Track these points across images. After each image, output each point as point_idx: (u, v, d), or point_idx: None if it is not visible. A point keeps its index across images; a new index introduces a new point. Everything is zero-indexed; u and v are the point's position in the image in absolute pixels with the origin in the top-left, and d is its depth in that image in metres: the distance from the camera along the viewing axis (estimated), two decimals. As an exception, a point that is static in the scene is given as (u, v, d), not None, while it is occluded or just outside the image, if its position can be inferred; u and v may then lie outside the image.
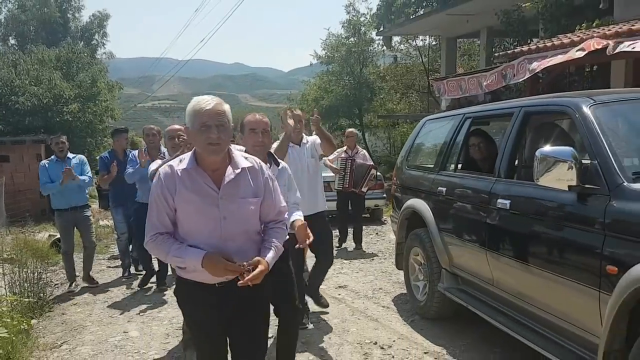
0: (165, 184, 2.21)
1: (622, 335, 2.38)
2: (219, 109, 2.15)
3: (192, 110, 2.17)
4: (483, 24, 15.42)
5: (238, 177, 2.24)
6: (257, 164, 2.33)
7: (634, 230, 2.33)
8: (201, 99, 2.19)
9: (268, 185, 2.34)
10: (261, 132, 3.03)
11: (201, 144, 2.15)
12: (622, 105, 2.97)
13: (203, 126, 2.11)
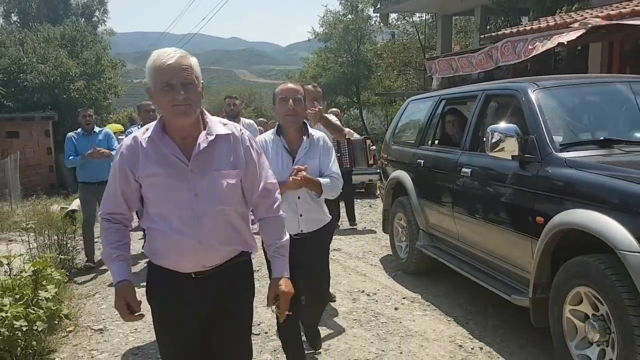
0: (127, 156, 1.91)
1: (547, 270, 3.08)
2: (183, 63, 1.80)
3: (152, 66, 1.81)
4: (477, 3, 15.85)
5: (212, 145, 1.90)
6: (237, 131, 1.98)
7: (555, 188, 3.01)
8: (162, 52, 1.83)
9: (250, 156, 1.99)
10: (292, 100, 2.84)
11: (166, 107, 1.82)
12: (560, 90, 3.63)
13: (166, 85, 1.79)
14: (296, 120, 2.89)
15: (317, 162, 2.94)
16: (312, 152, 2.95)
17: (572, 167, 2.96)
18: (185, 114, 1.83)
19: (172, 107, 1.81)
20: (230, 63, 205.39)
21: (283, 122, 2.91)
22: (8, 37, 17.00)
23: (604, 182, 2.72)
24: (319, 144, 2.98)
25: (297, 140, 2.96)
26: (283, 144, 2.95)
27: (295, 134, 2.96)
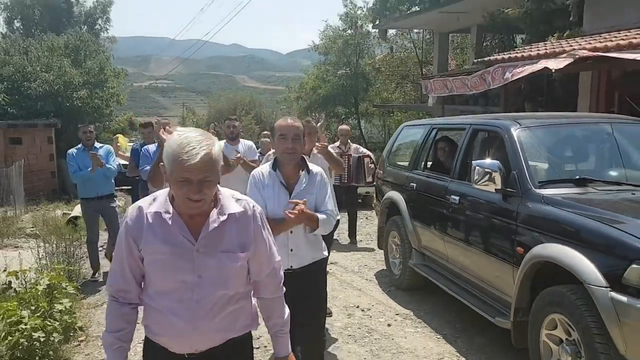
0: (131, 227, 1.82)
1: (527, 296, 3.37)
2: (205, 160, 1.68)
3: (173, 158, 1.69)
4: (473, 22, 16.22)
5: (223, 225, 1.81)
6: (249, 208, 1.89)
7: (534, 222, 3.31)
8: (185, 145, 1.68)
9: (261, 236, 1.91)
10: (292, 138, 2.80)
11: (179, 198, 1.74)
12: (541, 129, 3.94)
13: (183, 180, 1.69)
14: (294, 158, 2.85)
15: (314, 197, 2.87)
16: (310, 188, 2.89)
17: (549, 204, 3.26)
18: (198, 208, 1.75)
19: (186, 200, 1.72)
20: (231, 69, 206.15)
21: (281, 158, 2.87)
22: (12, 45, 17.28)
23: (576, 220, 3.01)
24: (316, 179, 2.91)
25: (294, 175, 2.90)
26: (280, 180, 2.88)
27: (293, 169, 2.90)
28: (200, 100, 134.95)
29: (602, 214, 2.95)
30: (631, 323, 2.54)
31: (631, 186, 3.39)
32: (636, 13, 8.26)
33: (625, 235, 2.69)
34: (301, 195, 2.82)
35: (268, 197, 2.84)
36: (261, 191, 2.86)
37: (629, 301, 2.55)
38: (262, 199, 2.81)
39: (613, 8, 8.82)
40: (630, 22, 8.28)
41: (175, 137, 1.72)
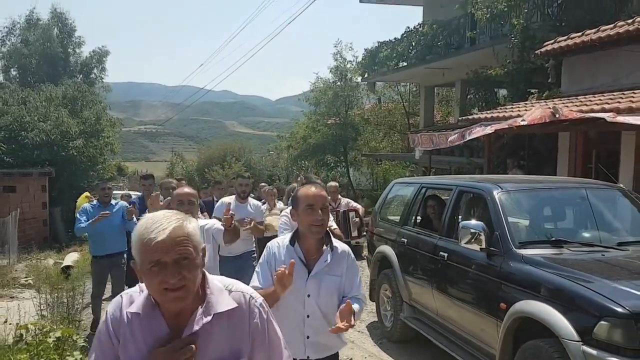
0: (111, 327, 1.58)
1: (510, 349, 3.65)
2: (178, 235, 1.47)
3: (138, 241, 1.48)
4: (457, 77, 17.00)
5: (209, 328, 1.53)
6: (245, 302, 1.61)
7: (515, 280, 3.64)
8: (151, 223, 1.48)
9: (261, 337, 1.62)
10: (320, 209, 2.50)
11: (156, 290, 1.48)
12: (521, 193, 4.33)
13: (154, 265, 1.45)
14: (322, 231, 2.51)
15: (339, 280, 2.54)
16: (334, 267, 2.55)
17: (528, 263, 3.60)
18: (181, 299, 1.47)
19: (163, 291, 1.46)
20: (221, 114, 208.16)
21: (307, 231, 2.51)
22: (11, 95, 17.70)
23: (553, 279, 3.35)
24: (343, 258, 2.57)
25: (316, 251, 2.56)
26: (299, 255, 2.54)
27: (316, 243, 2.56)
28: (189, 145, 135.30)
29: (575, 274, 3.29)
30: (601, 374, 2.84)
31: (602, 247, 3.75)
32: (608, 78, 8.88)
33: (595, 295, 3.02)
34: (321, 275, 2.51)
35: None
36: (273, 267, 2.49)
37: (599, 354, 2.86)
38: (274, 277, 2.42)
39: (588, 73, 9.47)
40: (604, 85, 8.89)
41: (141, 221, 1.52)
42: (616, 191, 4.52)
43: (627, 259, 3.58)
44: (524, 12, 12.28)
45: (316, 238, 2.54)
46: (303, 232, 2.56)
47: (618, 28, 8.30)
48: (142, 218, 1.53)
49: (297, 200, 2.57)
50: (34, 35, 27.28)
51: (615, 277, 3.22)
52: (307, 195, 2.53)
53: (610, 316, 2.87)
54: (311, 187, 2.60)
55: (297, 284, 2.40)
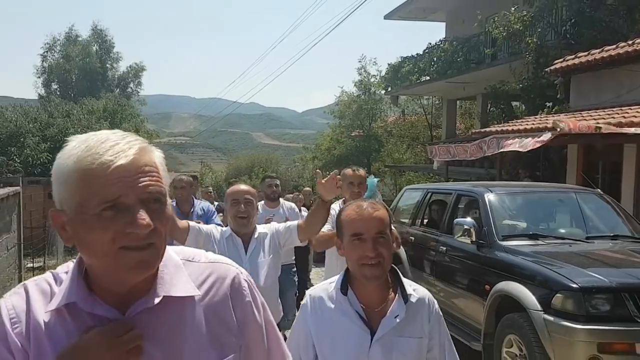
0: (13, 336, 0.95)
1: (492, 323, 4.38)
2: (146, 162, 0.94)
3: (77, 169, 0.90)
4: (477, 91, 17.65)
5: (176, 312, 1.00)
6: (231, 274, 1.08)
7: (497, 266, 4.38)
8: (96, 142, 0.92)
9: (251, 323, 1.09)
10: (374, 239, 1.66)
11: (102, 249, 0.91)
12: (508, 195, 5.07)
13: (109, 207, 0.89)
14: (379, 275, 1.66)
15: (418, 344, 1.71)
16: (410, 325, 1.70)
17: (508, 252, 4.35)
18: (146, 264, 0.94)
19: (119, 251, 0.90)
20: (248, 126, 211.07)
21: (358, 273, 1.68)
22: (56, 108, 19.04)
23: (525, 264, 4.09)
24: (422, 310, 1.75)
25: (379, 301, 1.72)
26: (355, 309, 1.71)
27: (378, 289, 1.72)
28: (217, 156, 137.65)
29: (543, 260, 4.02)
30: (556, 335, 3.56)
31: (571, 240, 4.47)
32: (611, 95, 9.50)
33: (554, 274, 3.75)
34: (392, 338, 1.67)
35: (334, 340, 1.68)
36: (319, 329, 1.72)
37: (555, 320, 3.58)
38: (317, 345, 1.71)
39: (593, 89, 10.10)
40: (607, 101, 9.51)
41: (70, 144, 0.95)
42: (593, 195, 5.22)
43: (589, 249, 4.29)
44: (537, 31, 12.93)
45: (371, 284, 1.67)
46: (357, 274, 1.70)
47: (619, 49, 8.94)
48: (73, 139, 0.96)
49: (341, 226, 1.75)
50: (74, 51, 28.93)
51: (574, 262, 3.93)
52: (352, 221, 1.69)
53: (564, 290, 3.60)
54: (359, 206, 1.73)
55: (354, 354, 1.67)
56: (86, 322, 0.95)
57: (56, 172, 0.94)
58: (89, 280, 0.98)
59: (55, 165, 0.95)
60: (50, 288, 0.99)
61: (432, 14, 21.90)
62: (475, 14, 15.03)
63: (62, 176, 0.92)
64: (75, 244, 0.94)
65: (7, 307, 0.97)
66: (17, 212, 7.27)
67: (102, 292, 0.97)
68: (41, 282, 1.01)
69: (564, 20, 13.13)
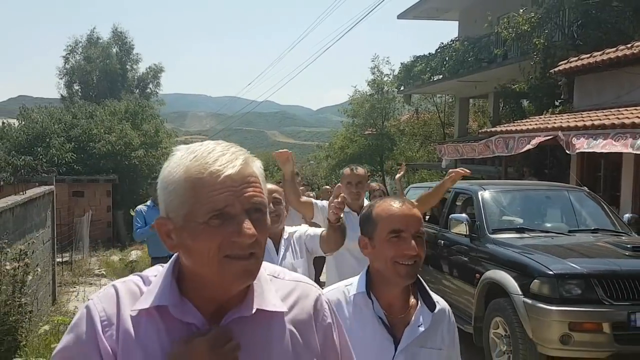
0: (101, 334, 0.97)
1: (482, 307, 4.86)
2: (250, 173, 0.96)
3: (188, 178, 0.93)
4: (489, 90, 17.98)
5: (266, 326, 1.02)
6: (312, 297, 1.10)
7: (486, 256, 4.86)
8: (204, 152, 0.95)
9: (329, 343, 1.10)
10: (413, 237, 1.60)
11: (212, 258, 0.93)
12: (499, 193, 5.53)
13: (216, 216, 0.92)
14: (414, 274, 1.61)
15: (438, 355, 1.65)
16: (432, 335, 1.63)
17: (496, 244, 4.82)
18: (250, 273, 0.96)
19: (223, 260, 0.93)
20: (263, 125, 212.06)
21: (391, 273, 1.59)
22: (79, 109, 19.77)
23: (510, 254, 4.56)
24: (442, 320, 1.69)
25: (402, 307, 1.65)
26: (378, 314, 1.62)
27: (402, 295, 1.65)
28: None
29: (526, 250, 4.49)
30: (533, 316, 4.04)
31: (555, 233, 4.93)
32: (612, 95, 9.85)
33: (533, 262, 4.22)
34: (415, 349, 1.60)
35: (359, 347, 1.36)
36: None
37: (532, 302, 4.06)
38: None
39: (595, 89, 10.46)
40: (609, 101, 9.87)
41: (177, 154, 0.98)
42: (580, 193, 5.66)
43: (570, 241, 4.76)
44: (545, 32, 13.27)
45: (405, 284, 1.63)
46: (381, 275, 1.63)
47: (619, 52, 9.30)
48: (179, 149, 0.99)
49: (374, 222, 1.66)
50: (95, 53, 29.74)
51: (553, 252, 4.40)
52: (391, 216, 1.62)
53: (541, 276, 4.07)
54: (395, 202, 1.67)
55: None
56: (176, 327, 0.96)
57: (165, 181, 0.96)
58: (183, 285, 1.00)
59: (163, 174, 0.98)
60: (139, 290, 1.01)
61: (445, 14, 22.20)
62: (486, 14, 15.39)
63: (171, 185, 0.94)
64: (179, 252, 0.98)
65: (97, 310, 0.98)
66: (51, 209, 7.89)
67: (198, 299, 0.98)
68: (130, 284, 1.03)
69: (571, 22, 13.45)
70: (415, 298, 1.66)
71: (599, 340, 3.81)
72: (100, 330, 0.97)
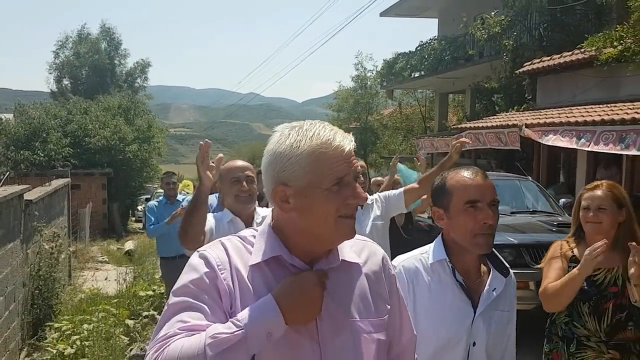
0: (220, 276, 1.14)
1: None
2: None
3: (311, 151, 1.13)
4: (466, 86, 19.09)
5: (348, 274, 1.24)
6: (379, 254, 1.31)
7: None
8: (319, 129, 1.16)
9: (394, 295, 1.30)
10: (489, 205, 1.65)
11: (331, 214, 1.13)
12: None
13: (336, 183, 1.12)
14: (492, 241, 1.65)
15: (507, 318, 1.73)
16: (505, 301, 1.72)
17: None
18: (354, 231, 1.19)
19: (338, 219, 1.14)
20: (248, 117, 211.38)
21: (469, 243, 1.65)
22: (74, 106, 20.51)
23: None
24: (511, 285, 1.76)
25: (476, 273, 1.72)
26: (459, 280, 1.67)
27: (477, 262, 1.73)
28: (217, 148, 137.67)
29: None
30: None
31: (506, 215, 5.99)
32: (569, 95, 10.97)
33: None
34: (490, 312, 1.67)
35: (433, 314, 1.66)
36: (416, 302, 1.69)
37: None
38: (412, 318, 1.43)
39: (555, 89, 11.57)
40: (566, 101, 10.98)
41: (285, 132, 1.17)
42: (528, 182, 6.74)
43: (510, 221, 5.80)
44: (514, 34, 14.36)
45: (482, 253, 1.69)
46: (458, 244, 1.70)
47: (574, 55, 10.40)
48: (283, 128, 1.18)
49: (449, 194, 1.68)
50: (84, 48, 30.28)
51: (499, 230, 5.42)
52: (466, 186, 1.65)
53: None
54: (468, 172, 1.69)
55: (458, 328, 1.65)
56: (285, 272, 1.15)
57: (285, 155, 1.13)
58: (289, 244, 1.18)
59: (279, 149, 1.14)
60: (243, 246, 1.20)
61: (425, 12, 23.17)
62: (462, 16, 16.42)
63: (293, 158, 1.12)
64: (295, 213, 1.15)
65: (213, 256, 1.16)
66: (67, 200, 8.79)
67: (297, 251, 1.18)
68: (233, 240, 1.22)
69: (538, 24, 14.55)
70: (485, 265, 1.73)
71: (526, 296, 4.84)
72: (218, 272, 1.14)
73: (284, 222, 1.19)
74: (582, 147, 7.40)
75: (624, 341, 2.34)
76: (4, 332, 4.59)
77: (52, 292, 5.91)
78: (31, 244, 5.80)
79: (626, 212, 2.43)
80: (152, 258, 10.49)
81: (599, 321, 2.37)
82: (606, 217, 2.40)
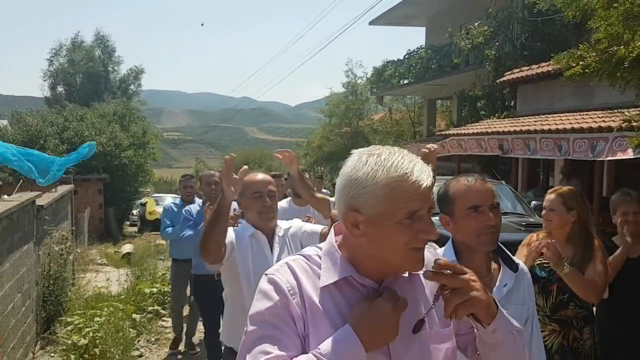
0: (292, 303, 1.18)
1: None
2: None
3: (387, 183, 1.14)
4: (452, 92, 19.68)
5: (413, 285, 1.29)
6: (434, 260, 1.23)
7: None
8: (398, 160, 1.16)
9: None
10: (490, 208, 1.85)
11: (399, 248, 1.17)
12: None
13: (408, 216, 1.15)
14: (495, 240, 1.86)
15: (521, 310, 1.86)
16: (517, 295, 1.87)
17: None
18: (423, 260, 1.20)
19: (408, 251, 1.16)
20: (241, 121, 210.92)
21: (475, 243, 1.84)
22: (70, 113, 20.91)
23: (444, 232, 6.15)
24: (524, 280, 1.90)
25: (486, 271, 1.88)
26: None
27: (486, 260, 1.90)
28: (210, 152, 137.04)
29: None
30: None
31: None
32: (546, 103, 11.58)
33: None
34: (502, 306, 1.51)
35: None
36: None
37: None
38: None
39: (534, 97, 12.18)
40: (543, 109, 11.58)
41: (363, 159, 1.18)
42: (502, 186, 7.28)
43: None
44: (496, 44, 14.95)
45: (489, 250, 1.87)
46: (466, 246, 1.89)
47: (551, 66, 10.97)
48: (360, 153, 1.20)
49: (452, 200, 1.88)
50: (78, 56, 30.66)
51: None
52: (467, 193, 1.84)
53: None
54: (468, 179, 1.89)
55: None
56: (354, 292, 1.19)
57: (359, 181, 1.15)
58: (358, 263, 1.22)
59: (355, 175, 1.16)
60: (309, 266, 1.24)
61: (413, 20, 23.77)
62: (447, 26, 17.02)
63: (368, 187, 1.14)
64: (365, 239, 1.17)
65: (283, 281, 1.19)
66: (71, 205, 9.24)
67: (365, 271, 1.21)
68: (299, 260, 1.25)
69: (519, 34, 15.16)
70: (496, 262, 1.87)
71: (494, 288, 5.38)
72: (289, 297, 1.17)
73: (352, 245, 1.23)
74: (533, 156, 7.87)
75: (565, 317, 2.84)
76: (22, 327, 5.05)
77: (62, 291, 6.37)
78: (42, 246, 6.26)
79: (577, 213, 2.93)
80: (152, 260, 10.97)
81: (545, 299, 2.88)
82: (555, 216, 2.95)
